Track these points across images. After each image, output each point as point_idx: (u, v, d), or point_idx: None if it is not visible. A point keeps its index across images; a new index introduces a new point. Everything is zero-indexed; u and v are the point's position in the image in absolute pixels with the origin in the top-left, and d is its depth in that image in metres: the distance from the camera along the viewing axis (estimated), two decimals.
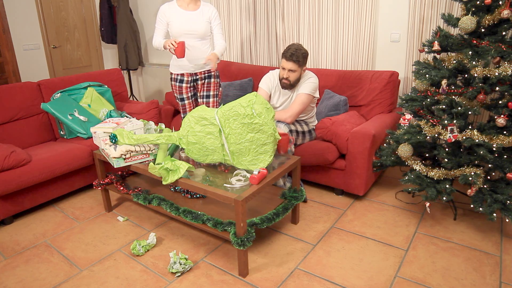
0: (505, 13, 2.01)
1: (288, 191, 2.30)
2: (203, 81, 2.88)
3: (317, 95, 2.73)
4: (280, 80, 2.68)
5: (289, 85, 2.65)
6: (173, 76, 2.90)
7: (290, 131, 2.63)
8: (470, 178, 2.13)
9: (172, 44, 2.52)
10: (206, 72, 2.87)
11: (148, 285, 1.96)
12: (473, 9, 2.17)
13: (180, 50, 2.53)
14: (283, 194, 2.29)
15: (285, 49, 2.61)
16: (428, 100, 2.32)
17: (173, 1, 2.77)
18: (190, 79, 2.86)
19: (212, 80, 2.90)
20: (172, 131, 2.34)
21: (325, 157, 2.63)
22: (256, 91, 3.12)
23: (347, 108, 3.00)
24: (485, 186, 2.22)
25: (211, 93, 2.92)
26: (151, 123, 2.52)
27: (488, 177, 2.27)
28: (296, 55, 2.53)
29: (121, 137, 2.19)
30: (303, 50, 2.57)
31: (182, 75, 2.85)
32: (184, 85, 2.88)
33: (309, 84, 2.65)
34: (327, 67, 3.48)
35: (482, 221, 2.43)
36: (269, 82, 2.82)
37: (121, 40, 4.57)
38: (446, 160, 2.27)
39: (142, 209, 2.74)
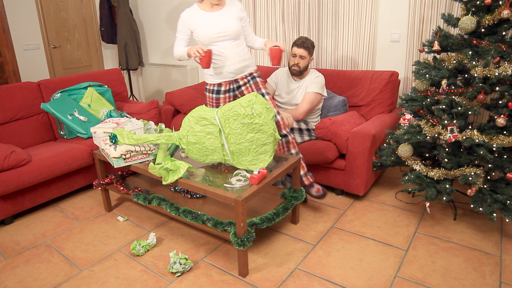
0: (505, 13, 2.01)
1: (288, 191, 2.30)
2: (247, 84, 2.55)
3: (325, 93, 2.90)
4: (290, 67, 2.86)
5: (299, 71, 2.84)
6: (208, 87, 2.57)
7: None
8: (470, 178, 2.13)
9: (198, 52, 2.22)
10: (248, 74, 2.56)
11: (148, 285, 1.96)
12: (473, 9, 2.17)
13: (206, 60, 2.26)
14: (283, 194, 2.29)
15: (295, 39, 2.84)
16: (428, 100, 2.32)
17: (193, 6, 2.45)
18: (229, 87, 2.55)
19: (258, 79, 2.57)
20: (172, 131, 2.34)
21: (325, 155, 2.63)
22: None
23: (347, 108, 3.00)
24: (485, 186, 2.22)
25: (263, 91, 2.56)
26: (151, 123, 2.52)
27: (488, 177, 2.27)
28: (306, 43, 2.77)
29: (121, 137, 2.19)
30: (311, 40, 2.82)
31: (220, 85, 2.52)
32: (221, 96, 2.55)
33: (316, 84, 2.82)
34: (327, 67, 3.48)
35: (482, 221, 2.43)
36: (274, 77, 3.07)
37: (121, 40, 4.57)
38: (446, 160, 2.27)
39: (142, 209, 2.74)
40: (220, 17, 2.40)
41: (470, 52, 2.14)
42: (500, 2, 2.06)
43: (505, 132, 2.11)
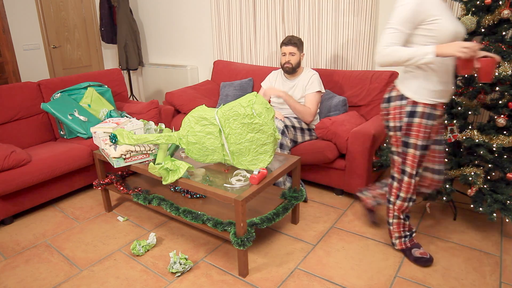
0: (505, 13, 2.01)
1: (288, 191, 2.30)
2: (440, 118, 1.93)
3: (323, 89, 2.91)
4: (283, 66, 2.88)
5: (292, 68, 2.85)
6: (420, 110, 1.74)
7: (286, 126, 2.66)
8: (470, 178, 2.13)
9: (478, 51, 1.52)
10: None
11: (148, 285, 1.96)
12: (473, 9, 2.17)
13: (491, 68, 1.54)
14: (283, 194, 2.29)
15: (283, 40, 2.95)
16: None
17: None
18: (442, 113, 1.90)
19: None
20: (172, 131, 2.34)
21: (325, 155, 2.63)
22: (256, 91, 3.18)
23: (347, 108, 3.00)
24: (485, 186, 2.22)
25: (440, 137, 1.94)
26: (151, 123, 2.52)
27: (488, 177, 2.27)
28: (293, 39, 2.81)
29: (121, 137, 2.19)
30: (298, 37, 2.86)
31: (435, 107, 1.76)
32: (435, 122, 1.80)
33: (314, 83, 2.84)
34: (327, 67, 3.48)
35: (482, 221, 2.43)
36: (268, 81, 3.07)
37: (121, 40, 4.57)
38: (446, 160, 2.27)
39: (142, 209, 2.74)
40: (451, 11, 1.74)
41: None
42: (500, 2, 2.07)
43: (505, 132, 2.11)
